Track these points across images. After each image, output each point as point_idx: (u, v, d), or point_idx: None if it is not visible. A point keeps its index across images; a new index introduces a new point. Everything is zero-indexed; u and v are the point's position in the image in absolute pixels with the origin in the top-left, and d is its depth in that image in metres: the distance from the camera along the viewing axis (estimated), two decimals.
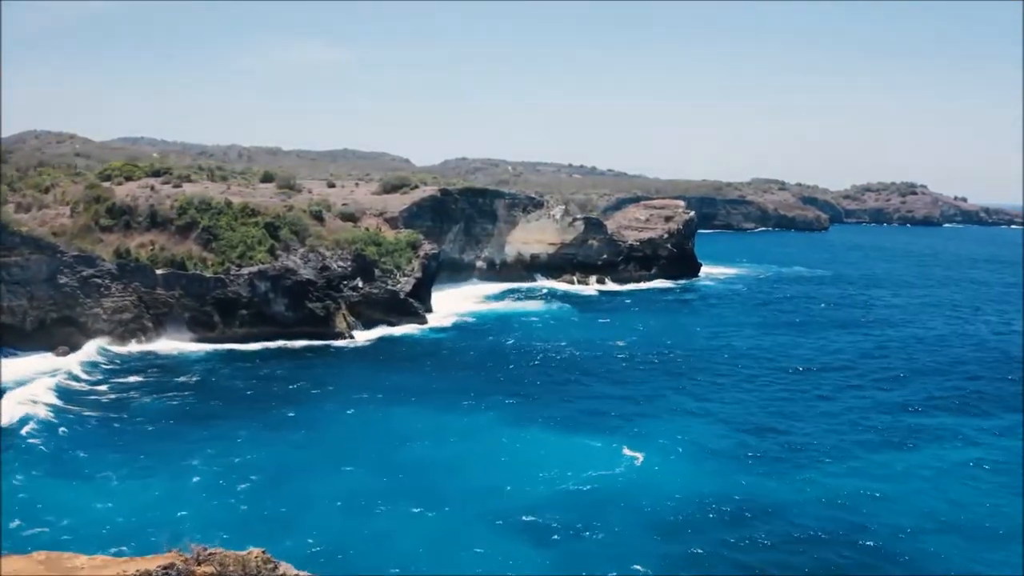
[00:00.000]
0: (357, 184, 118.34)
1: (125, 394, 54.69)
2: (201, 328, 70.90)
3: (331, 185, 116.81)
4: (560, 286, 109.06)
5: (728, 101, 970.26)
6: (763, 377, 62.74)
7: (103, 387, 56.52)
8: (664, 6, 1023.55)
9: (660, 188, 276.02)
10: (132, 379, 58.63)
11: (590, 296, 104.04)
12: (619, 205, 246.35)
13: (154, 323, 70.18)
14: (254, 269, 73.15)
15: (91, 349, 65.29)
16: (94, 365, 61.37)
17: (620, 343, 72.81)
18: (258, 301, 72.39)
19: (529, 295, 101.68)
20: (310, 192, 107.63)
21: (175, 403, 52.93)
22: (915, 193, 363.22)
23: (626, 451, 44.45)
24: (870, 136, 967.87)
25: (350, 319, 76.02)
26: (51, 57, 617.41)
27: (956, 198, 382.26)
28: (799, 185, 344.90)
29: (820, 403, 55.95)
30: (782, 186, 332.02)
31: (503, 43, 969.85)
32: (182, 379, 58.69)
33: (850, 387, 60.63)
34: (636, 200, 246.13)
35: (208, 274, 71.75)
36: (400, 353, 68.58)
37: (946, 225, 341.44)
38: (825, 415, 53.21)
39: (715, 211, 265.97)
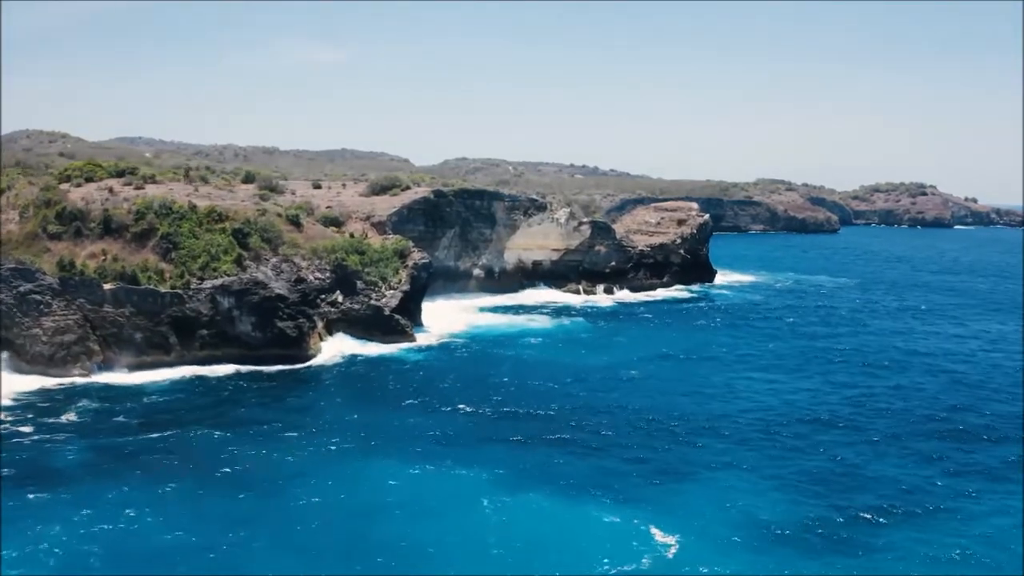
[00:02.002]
0: (344, 185, 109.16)
1: (49, 439, 45.64)
2: (155, 351, 61.79)
3: (316, 186, 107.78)
4: (565, 298, 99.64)
5: (730, 100, 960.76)
6: (811, 419, 52.26)
7: (26, 428, 47.53)
8: (665, 6, 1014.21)
9: (665, 188, 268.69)
10: (64, 419, 49.45)
11: (598, 308, 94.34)
12: (623, 206, 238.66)
13: (101, 345, 61.12)
14: (217, 283, 64.09)
15: (22, 382, 56.46)
16: (21, 403, 52.25)
17: (635, 372, 62.70)
18: (220, 319, 63.26)
19: (530, 308, 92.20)
20: (293, 194, 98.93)
21: (106, 454, 43.66)
22: (925, 194, 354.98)
23: (654, 532, 34.63)
24: (876, 136, 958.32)
25: (327, 339, 66.92)
26: (50, 57, 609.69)
27: (966, 199, 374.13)
28: (806, 185, 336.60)
29: (894, 460, 45.21)
30: (789, 186, 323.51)
31: (503, 42, 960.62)
32: (120, 419, 49.51)
33: (922, 431, 50.42)
34: (640, 201, 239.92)
35: (163, 289, 62.61)
36: (381, 382, 59.05)
37: (957, 227, 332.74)
38: (904, 472, 43.21)
39: (722, 212, 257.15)
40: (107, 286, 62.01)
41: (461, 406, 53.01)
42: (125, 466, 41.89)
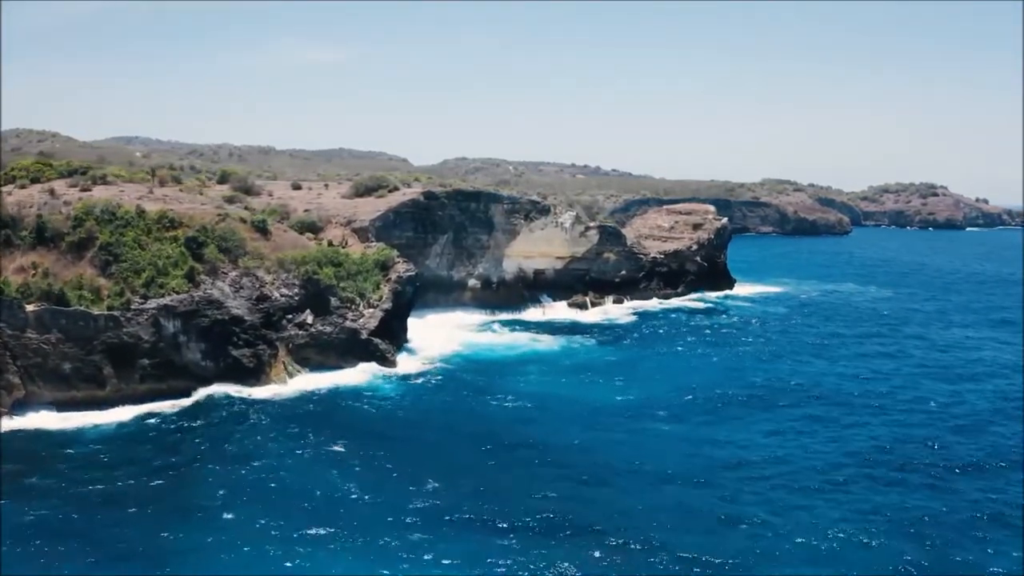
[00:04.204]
0: (327, 186, 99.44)
1: None
2: (87, 384, 51.81)
3: (296, 187, 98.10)
4: (571, 312, 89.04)
5: (730, 99, 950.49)
6: (887, 481, 41.29)
7: None
8: (665, 5, 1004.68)
9: (669, 189, 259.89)
10: None
11: (610, 325, 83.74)
12: (628, 207, 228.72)
13: (23, 378, 51.10)
14: (162, 302, 54.22)
15: None
16: None
17: (663, 413, 51.56)
18: (165, 346, 53.35)
19: (532, 324, 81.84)
20: (270, 195, 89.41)
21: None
22: (936, 195, 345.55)
23: None
24: (879, 136, 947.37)
25: (292, 367, 56.92)
26: (49, 56, 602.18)
27: (977, 199, 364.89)
28: (812, 186, 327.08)
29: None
30: (796, 187, 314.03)
31: (504, 42, 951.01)
32: (33, 480, 39.65)
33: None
34: (645, 202, 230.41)
35: (97, 310, 52.70)
36: (346, 426, 47.98)
37: (969, 228, 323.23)
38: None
39: (730, 214, 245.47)
40: (30, 307, 52.09)
41: (440, 466, 41.45)
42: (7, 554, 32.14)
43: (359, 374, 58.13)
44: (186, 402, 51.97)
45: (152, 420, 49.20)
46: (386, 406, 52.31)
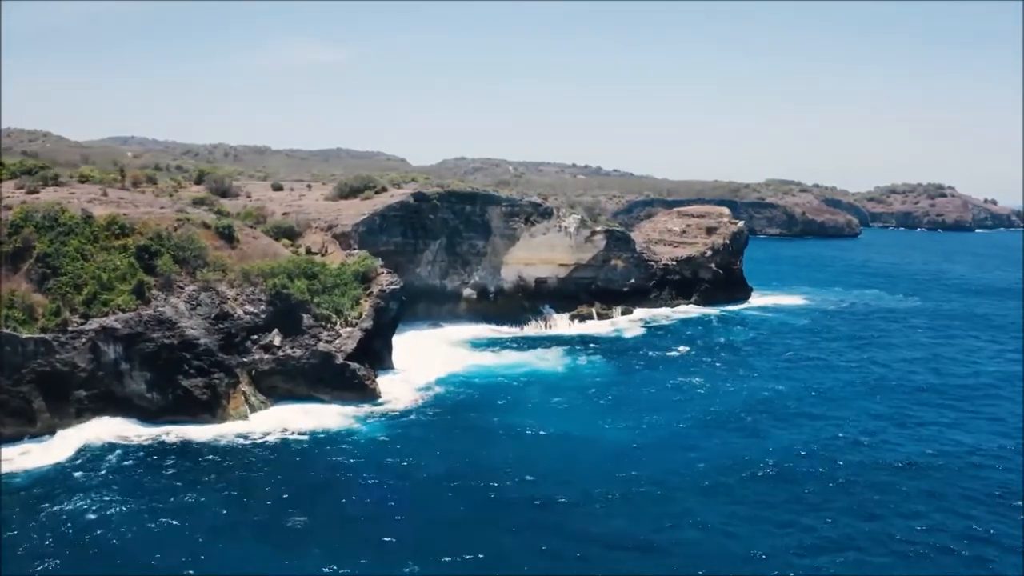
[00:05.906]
0: (310, 187, 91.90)
1: None
2: (15, 420, 44.18)
3: (277, 188, 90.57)
4: (576, 326, 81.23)
5: (733, 98, 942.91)
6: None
7: None
8: (665, 4, 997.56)
9: (672, 189, 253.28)
10: None
11: (619, 339, 76.01)
12: (631, 209, 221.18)
13: None
14: (106, 322, 46.53)
15: None
16: None
17: (694, 456, 43.63)
18: (104, 375, 45.68)
19: (535, 340, 74.02)
20: (248, 197, 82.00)
21: None
22: (944, 195, 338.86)
23: None
24: (885, 135, 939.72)
25: (255, 399, 49.08)
26: (49, 56, 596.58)
27: (985, 200, 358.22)
28: (818, 187, 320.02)
29: None
30: (802, 188, 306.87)
31: (504, 42, 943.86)
32: None
33: None
34: (649, 203, 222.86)
35: (26, 333, 45.01)
36: (304, 491, 38.45)
37: (978, 230, 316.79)
38: None
39: (737, 215, 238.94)
40: None
41: (429, 552, 32.64)
42: None
43: (332, 410, 49.78)
44: (119, 439, 44.01)
45: (78, 464, 41.26)
46: (361, 455, 43.52)
